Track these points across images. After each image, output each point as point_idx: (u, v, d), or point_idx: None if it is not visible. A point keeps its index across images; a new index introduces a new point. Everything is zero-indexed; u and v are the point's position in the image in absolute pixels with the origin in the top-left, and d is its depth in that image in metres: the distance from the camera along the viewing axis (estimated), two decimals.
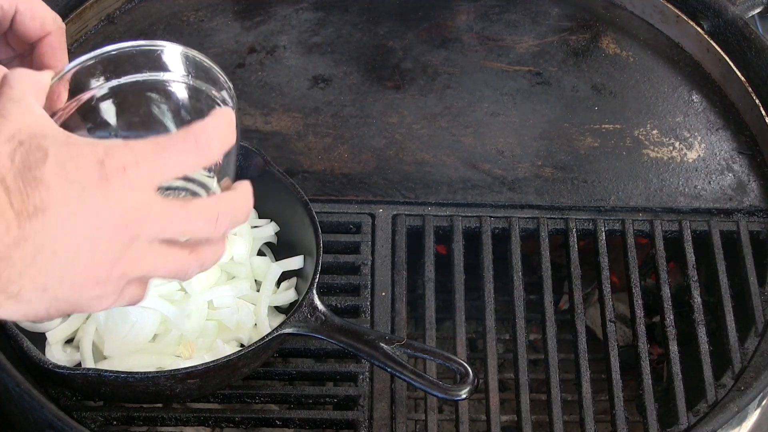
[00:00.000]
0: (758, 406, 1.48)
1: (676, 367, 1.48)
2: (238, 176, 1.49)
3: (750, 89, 1.77)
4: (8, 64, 1.09)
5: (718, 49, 1.83)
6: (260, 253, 1.50)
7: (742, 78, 1.79)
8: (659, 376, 1.69)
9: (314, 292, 1.36)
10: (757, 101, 1.76)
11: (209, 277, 1.41)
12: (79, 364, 1.36)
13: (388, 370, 1.32)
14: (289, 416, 1.43)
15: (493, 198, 1.64)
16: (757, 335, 1.52)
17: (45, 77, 0.96)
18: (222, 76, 1.05)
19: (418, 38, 1.88)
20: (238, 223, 0.95)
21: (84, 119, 0.99)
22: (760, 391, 1.44)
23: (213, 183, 0.99)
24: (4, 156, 0.84)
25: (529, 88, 1.81)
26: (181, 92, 1.02)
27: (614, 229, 1.62)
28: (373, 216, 1.61)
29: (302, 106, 1.76)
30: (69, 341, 1.40)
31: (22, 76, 0.92)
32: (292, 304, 1.44)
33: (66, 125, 0.97)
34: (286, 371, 1.46)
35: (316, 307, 1.35)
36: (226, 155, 0.98)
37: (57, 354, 1.37)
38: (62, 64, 1.09)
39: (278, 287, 1.45)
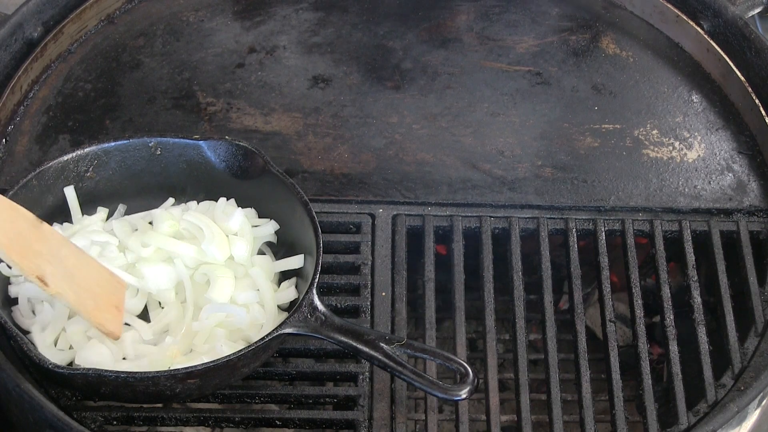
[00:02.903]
0: (758, 406, 1.48)
1: (676, 367, 1.48)
2: (239, 175, 1.50)
3: (750, 89, 1.77)
4: None
5: (718, 49, 1.83)
6: (260, 252, 1.50)
7: (742, 78, 1.79)
8: (659, 376, 1.69)
9: (314, 292, 1.36)
10: (757, 101, 1.76)
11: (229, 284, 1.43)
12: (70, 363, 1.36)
13: (388, 370, 1.32)
14: (289, 416, 1.43)
15: (493, 198, 1.64)
16: (757, 335, 1.52)
17: None
18: None
19: (418, 38, 1.88)
20: None
21: None
22: (760, 391, 1.44)
23: None
24: None
25: (529, 88, 1.81)
26: None
27: (614, 229, 1.62)
28: (373, 216, 1.61)
29: (302, 106, 1.76)
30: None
31: None
32: (292, 304, 1.44)
33: None
34: (286, 371, 1.46)
35: (316, 307, 1.35)
36: None
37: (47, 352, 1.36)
38: None
39: (278, 287, 1.46)
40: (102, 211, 1.50)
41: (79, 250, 1.39)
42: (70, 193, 1.47)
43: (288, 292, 1.44)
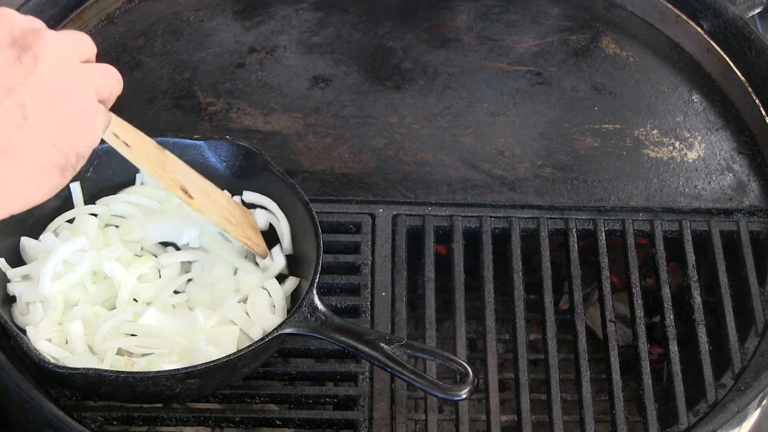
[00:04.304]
0: (758, 406, 1.48)
1: (676, 367, 1.48)
2: (239, 175, 1.50)
3: (750, 89, 1.77)
4: None
5: (718, 49, 1.83)
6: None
7: (742, 78, 1.79)
8: (659, 376, 1.69)
9: (314, 292, 1.36)
10: (757, 101, 1.76)
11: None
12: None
13: (388, 370, 1.32)
14: (289, 416, 1.43)
15: (493, 198, 1.64)
16: (757, 335, 1.52)
17: None
18: None
19: (418, 38, 1.88)
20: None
21: None
22: (760, 391, 1.44)
23: None
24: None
25: (529, 88, 1.81)
26: None
27: (614, 229, 1.62)
28: (373, 216, 1.61)
29: (302, 106, 1.76)
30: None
31: None
32: (292, 305, 1.44)
33: None
34: (286, 371, 1.46)
35: (316, 307, 1.35)
36: None
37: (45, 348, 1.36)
38: None
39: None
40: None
41: (201, 176, 1.41)
42: (75, 189, 1.48)
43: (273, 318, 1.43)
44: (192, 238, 1.46)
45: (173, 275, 1.45)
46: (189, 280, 1.46)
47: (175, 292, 1.44)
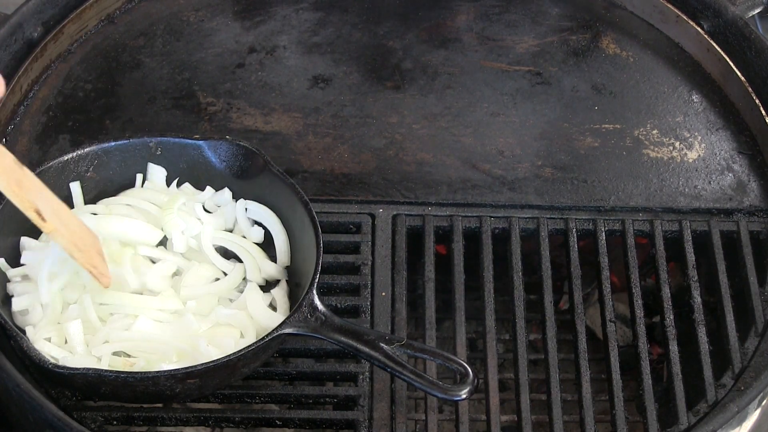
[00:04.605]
0: (758, 406, 1.48)
1: (676, 367, 1.49)
2: (239, 175, 1.50)
3: (750, 89, 1.77)
4: None
5: (718, 49, 1.83)
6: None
7: (742, 78, 1.79)
8: (659, 376, 1.69)
9: (314, 292, 1.36)
10: (757, 101, 1.76)
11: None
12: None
13: (388, 370, 1.32)
14: (289, 416, 1.43)
15: (493, 198, 1.64)
16: (757, 335, 1.52)
17: None
18: None
19: (418, 38, 1.88)
20: None
21: None
22: (760, 391, 1.44)
23: None
24: None
25: (529, 88, 1.81)
26: None
27: (614, 229, 1.62)
28: (373, 216, 1.61)
29: (302, 106, 1.76)
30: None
31: None
32: (292, 305, 1.44)
33: None
34: (286, 371, 1.46)
35: (316, 307, 1.35)
36: None
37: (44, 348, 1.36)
38: None
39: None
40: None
41: (56, 197, 1.36)
42: (75, 188, 1.47)
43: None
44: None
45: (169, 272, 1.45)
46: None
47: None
